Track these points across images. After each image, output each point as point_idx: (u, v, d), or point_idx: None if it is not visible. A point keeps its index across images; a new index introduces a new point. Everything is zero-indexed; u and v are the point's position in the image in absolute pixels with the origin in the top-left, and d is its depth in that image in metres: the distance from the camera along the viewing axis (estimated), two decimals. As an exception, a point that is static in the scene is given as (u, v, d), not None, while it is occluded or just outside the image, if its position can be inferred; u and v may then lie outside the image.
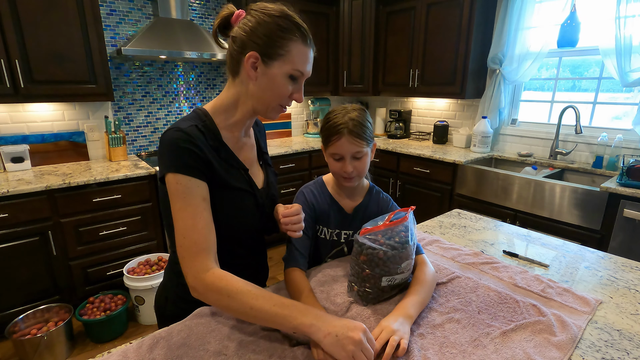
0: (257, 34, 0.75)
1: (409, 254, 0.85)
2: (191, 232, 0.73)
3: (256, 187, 0.89)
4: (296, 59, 0.77)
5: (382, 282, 0.84)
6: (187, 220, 0.73)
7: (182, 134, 0.74)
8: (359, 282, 0.87)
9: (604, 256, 1.17)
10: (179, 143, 0.74)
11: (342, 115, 1.00)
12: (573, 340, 0.75)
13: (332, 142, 1.00)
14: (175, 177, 0.73)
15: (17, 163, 2.25)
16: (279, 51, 0.76)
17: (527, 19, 2.59)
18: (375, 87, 3.48)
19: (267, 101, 0.80)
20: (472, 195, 2.58)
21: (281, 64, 0.77)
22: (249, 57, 0.76)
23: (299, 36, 0.77)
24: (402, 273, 0.86)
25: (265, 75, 0.77)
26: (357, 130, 0.99)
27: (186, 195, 0.73)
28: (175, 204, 0.74)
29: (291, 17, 0.77)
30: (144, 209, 2.32)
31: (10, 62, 1.96)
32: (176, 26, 2.50)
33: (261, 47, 0.75)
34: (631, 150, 2.27)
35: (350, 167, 1.00)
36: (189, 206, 0.73)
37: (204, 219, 0.74)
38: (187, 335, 0.75)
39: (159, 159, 0.77)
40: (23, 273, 2.00)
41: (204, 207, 0.75)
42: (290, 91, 0.80)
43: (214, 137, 0.80)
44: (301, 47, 0.78)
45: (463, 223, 1.44)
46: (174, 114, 2.91)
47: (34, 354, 1.82)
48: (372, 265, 0.83)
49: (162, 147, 0.76)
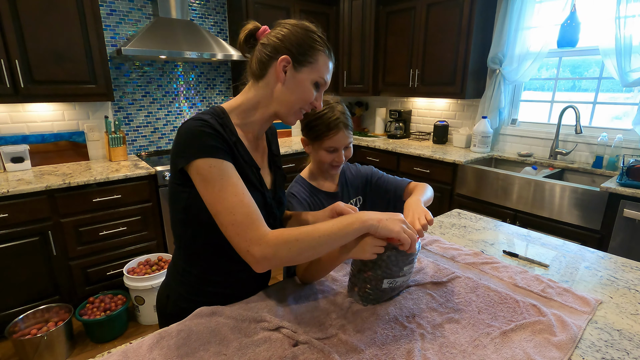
0: (291, 42, 0.81)
1: (411, 258, 0.85)
2: (240, 207, 0.73)
3: (265, 187, 0.91)
4: (322, 68, 0.84)
5: (383, 284, 0.84)
6: (231, 198, 0.73)
7: (204, 122, 0.76)
8: (360, 283, 0.86)
9: (604, 256, 1.17)
10: (203, 129, 0.75)
11: (331, 109, 1.08)
12: (573, 340, 0.75)
13: (328, 137, 1.08)
14: (207, 161, 0.73)
15: (17, 163, 2.25)
16: (309, 59, 0.82)
17: (527, 19, 2.58)
18: (375, 87, 3.48)
19: (291, 104, 0.84)
20: (472, 195, 2.58)
21: (310, 70, 0.83)
22: (281, 60, 0.80)
23: (325, 49, 0.85)
24: (404, 276, 0.86)
25: (294, 79, 0.82)
26: (349, 123, 1.11)
27: (223, 176, 0.74)
28: (213, 187, 0.74)
29: (317, 32, 0.85)
30: (144, 209, 2.32)
31: (10, 62, 1.96)
32: (176, 26, 2.50)
33: (293, 54, 0.81)
34: (631, 150, 2.27)
35: (343, 156, 1.12)
36: (229, 185, 0.74)
37: (246, 194, 0.76)
38: (187, 335, 0.75)
39: (179, 149, 0.76)
40: (23, 273, 2.00)
41: (242, 184, 0.76)
42: (314, 97, 0.86)
43: (231, 133, 0.82)
44: (326, 58, 0.85)
45: (463, 223, 1.44)
46: (174, 114, 2.91)
47: (34, 354, 1.82)
48: (374, 266, 0.83)
49: (182, 136, 0.76)
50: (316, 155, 1.14)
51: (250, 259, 0.72)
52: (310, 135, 1.11)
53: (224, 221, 0.73)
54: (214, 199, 0.74)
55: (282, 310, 0.84)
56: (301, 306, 0.86)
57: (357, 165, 1.31)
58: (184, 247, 0.87)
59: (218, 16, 2.97)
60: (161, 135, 2.88)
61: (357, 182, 1.27)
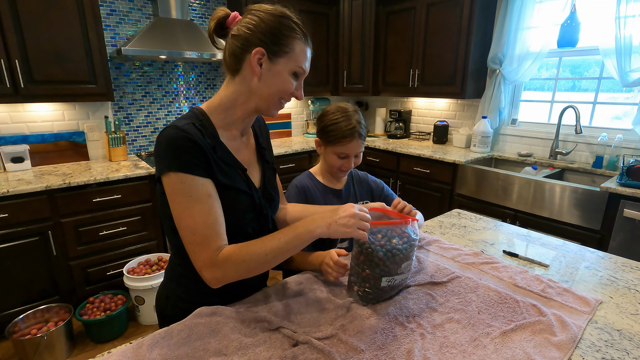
0: (262, 32, 0.76)
1: (409, 255, 0.85)
2: (201, 228, 0.74)
3: (254, 187, 0.88)
4: (299, 56, 0.80)
5: (381, 282, 0.84)
6: (195, 218, 0.73)
7: (180, 132, 0.73)
8: (359, 282, 0.87)
9: (604, 256, 1.17)
10: (178, 141, 0.73)
11: (348, 118, 1.11)
12: (573, 340, 0.75)
13: (341, 144, 1.12)
14: (179, 176, 0.72)
15: (17, 163, 2.25)
16: (284, 48, 0.78)
17: (527, 19, 2.58)
18: (375, 87, 3.48)
19: (270, 97, 0.81)
20: (472, 195, 2.58)
21: (286, 60, 0.79)
22: (255, 53, 0.76)
23: (300, 35, 0.80)
24: (402, 273, 0.86)
25: (270, 72, 0.79)
26: (364, 133, 1.15)
27: (192, 194, 0.73)
28: (180, 202, 0.73)
29: (292, 17, 0.79)
30: (144, 209, 2.32)
31: (10, 62, 1.96)
32: (176, 26, 2.50)
33: (267, 44, 0.77)
34: (631, 150, 2.27)
35: (352, 163, 1.16)
36: (196, 203, 0.73)
37: (212, 215, 0.75)
38: (187, 335, 0.75)
39: (157, 158, 0.76)
40: (23, 273, 2.00)
41: (211, 204, 0.75)
42: (294, 87, 0.82)
43: (211, 136, 0.80)
44: (302, 45, 0.80)
45: (463, 223, 1.44)
46: (174, 114, 2.91)
47: (34, 354, 1.82)
48: (372, 265, 0.83)
49: (160, 145, 0.75)
50: (327, 157, 1.20)
51: (204, 278, 0.76)
52: (324, 138, 1.17)
53: (184, 238, 0.76)
54: (178, 214, 0.75)
55: (282, 310, 0.84)
56: (301, 306, 0.86)
57: (367, 175, 1.38)
58: (177, 251, 0.86)
59: (218, 16, 2.97)
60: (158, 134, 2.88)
61: (362, 189, 1.34)
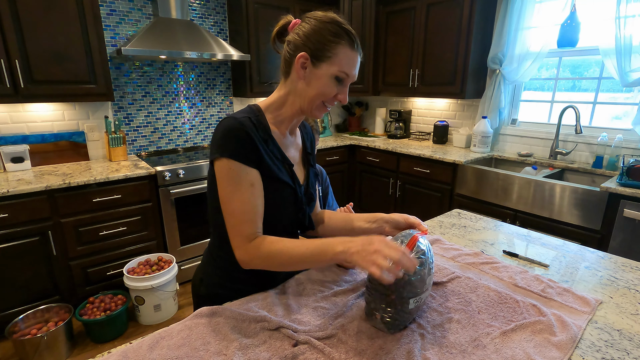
0: (310, 38, 0.82)
1: (430, 268, 0.80)
2: (240, 214, 0.81)
3: (298, 183, 0.94)
4: (343, 61, 0.82)
5: (409, 304, 0.76)
6: (237, 204, 0.80)
7: (237, 123, 0.80)
8: (381, 309, 0.77)
9: (604, 256, 1.17)
10: (233, 131, 0.80)
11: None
12: (573, 340, 0.75)
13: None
14: (230, 162, 0.80)
15: (17, 163, 2.25)
16: (327, 54, 0.81)
17: (527, 19, 2.58)
18: (375, 87, 3.48)
19: (312, 99, 0.85)
20: (472, 195, 2.58)
21: (328, 65, 0.82)
22: (299, 57, 0.82)
23: (346, 41, 0.82)
24: (427, 290, 0.80)
25: (313, 75, 0.83)
26: None
27: (237, 180, 0.80)
28: (226, 187, 0.81)
29: (341, 24, 0.82)
30: (144, 209, 2.32)
31: (10, 62, 1.96)
32: (176, 26, 2.50)
33: (311, 50, 0.82)
34: (631, 150, 2.27)
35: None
36: (240, 192, 0.80)
37: (250, 203, 0.81)
38: (187, 335, 0.75)
39: (213, 143, 0.83)
40: (23, 273, 2.00)
41: (251, 192, 0.81)
42: (335, 92, 0.85)
43: (265, 131, 0.86)
44: (348, 51, 0.82)
45: (463, 223, 1.44)
46: (174, 114, 2.91)
47: (34, 354, 1.82)
48: (397, 288, 0.75)
49: (217, 133, 0.82)
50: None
51: (236, 256, 0.83)
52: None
53: (226, 219, 0.83)
54: (223, 197, 0.82)
55: (282, 310, 0.84)
56: (301, 306, 0.86)
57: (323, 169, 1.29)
58: (218, 233, 0.92)
59: (218, 16, 2.97)
60: (161, 135, 2.88)
61: None
